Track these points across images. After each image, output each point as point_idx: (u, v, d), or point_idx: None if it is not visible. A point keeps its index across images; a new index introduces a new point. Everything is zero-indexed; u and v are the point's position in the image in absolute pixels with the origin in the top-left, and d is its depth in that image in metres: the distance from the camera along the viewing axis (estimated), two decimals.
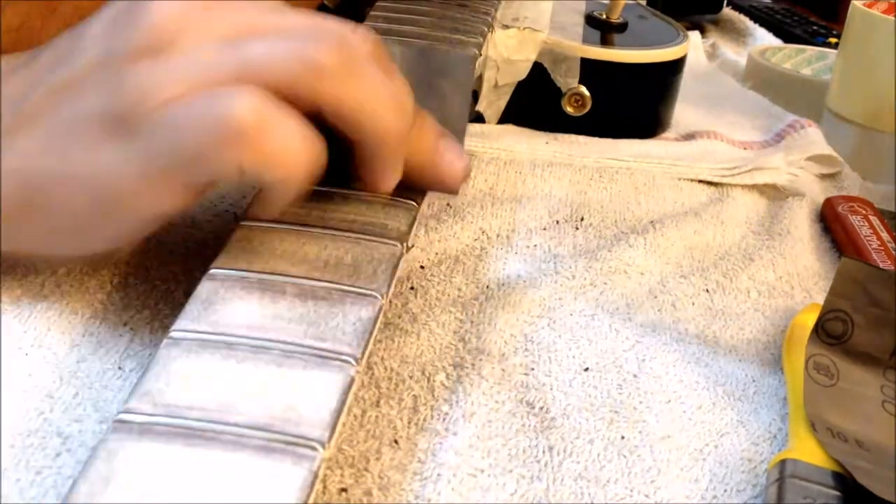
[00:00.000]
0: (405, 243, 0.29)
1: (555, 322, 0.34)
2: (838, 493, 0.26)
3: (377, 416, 0.28)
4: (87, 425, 0.26)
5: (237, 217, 0.30)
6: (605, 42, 0.53)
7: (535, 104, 0.51)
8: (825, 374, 0.31)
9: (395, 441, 0.27)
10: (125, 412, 0.21)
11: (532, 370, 0.31)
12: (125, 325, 0.30)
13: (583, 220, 0.42)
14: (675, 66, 0.53)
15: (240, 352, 0.23)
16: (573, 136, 0.51)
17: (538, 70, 0.51)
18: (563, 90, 0.51)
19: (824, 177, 0.51)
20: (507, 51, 0.50)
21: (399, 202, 0.31)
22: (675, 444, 0.29)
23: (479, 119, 0.51)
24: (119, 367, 0.29)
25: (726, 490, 0.28)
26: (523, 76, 0.51)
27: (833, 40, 0.73)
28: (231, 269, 0.26)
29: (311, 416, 0.21)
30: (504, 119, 0.52)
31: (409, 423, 0.28)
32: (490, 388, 0.30)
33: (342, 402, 0.22)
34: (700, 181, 0.48)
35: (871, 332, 0.32)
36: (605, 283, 0.37)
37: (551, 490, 0.27)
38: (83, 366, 0.28)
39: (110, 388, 0.28)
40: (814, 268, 0.41)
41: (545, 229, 0.41)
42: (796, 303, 0.38)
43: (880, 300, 0.32)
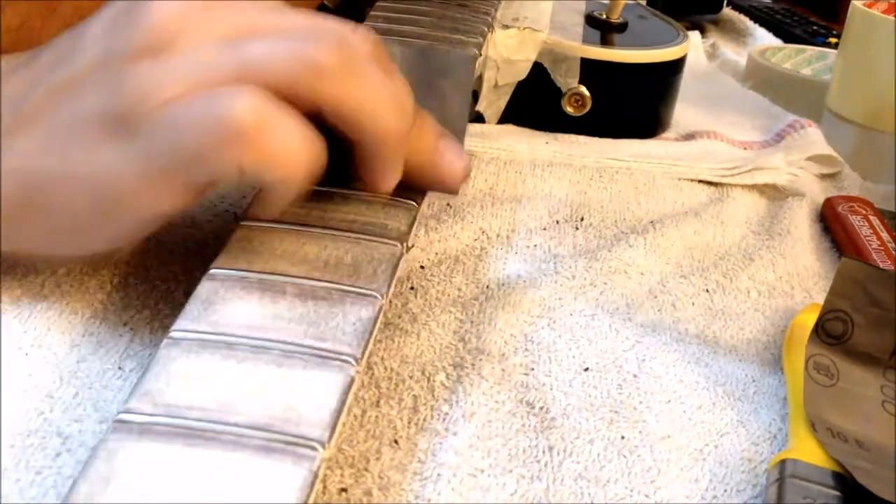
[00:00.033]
0: (405, 243, 0.29)
1: (555, 322, 0.34)
2: (838, 493, 0.26)
3: (377, 416, 0.28)
4: (87, 425, 0.26)
5: (237, 217, 0.30)
6: (605, 42, 0.53)
7: (535, 104, 0.51)
8: (825, 374, 0.31)
9: (395, 441, 0.27)
10: (125, 412, 0.21)
11: (532, 370, 0.31)
12: (125, 325, 0.30)
13: (583, 220, 0.42)
14: (675, 66, 0.53)
15: (240, 352, 0.23)
16: (573, 136, 0.51)
17: (538, 70, 0.51)
18: (563, 90, 0.51)
19: (824, 177, 0.51)
20: (507, 51, 0.50)
21: (399, 202, 0.31)
22: (675, 444, 0.29)
23: (479, 119, 0.51)
24: (119, 367, 0.29)
25: (726, 490, 0.28)
26: (523, 76, 0.51)
27: (833, 40, 0.73)
28: (231, 269, 0.26)
29: (311, 416, 0.21)
30: (504, 119, 0.52)
31: (409, 423, 0.28)
32: (490, 388, 0.30)
33: (342, 402, 0.22)
34: (700, 181, 0.48)
35: (871, 332, 0.32)
36: (605, 283, 0.37)
37: (551, 490, 0.26)
38: (83, 366, 0.28)
39: (110, 388, 0.28)
40: (814, 268, 0.41)
41: (545, 229, 0.41)
42: (796, 303, 0.38)
43: (880, 300, 0.32)
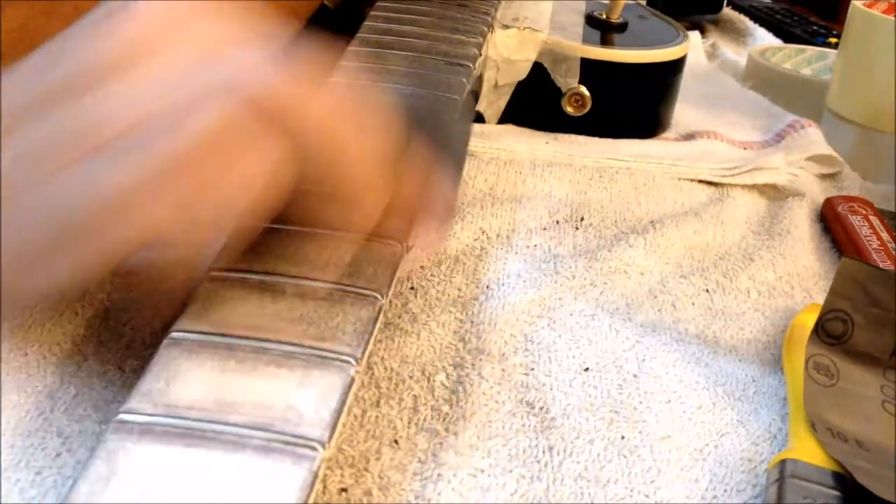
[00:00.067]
0: (405, 243, 0.29)
1: (555, 322, 0.34)
2: (838, 493, 0.26)
3: (377, 416, 0.28)
4: (87, 425, 0.26)
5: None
6: (605, 42, 0.53)
7: (535, 104, 0.51)
8: (825, 374, 0.31)
9: (395, 441, 0.27)
10: (125, 412, 0.21)
11: (532, 370, 0.31)
12: (125, 324, 0.30)
13: (583, 220, 0.42)
14: (675, 66, 0.53)
15: (240, 352, 0.23)
16: (573, 136, 0.51)
17: (538, 70, 0.51)
18: (563, 90, 0.51)
19: (824, 177, 0.51)
20: (507, 51, 0.50)
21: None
22: (675, 444, 0.29)
23: (480, 119, 0.51)
24: (119, 367, 0.29)
25: (726, 490, 0.28)
26: (523, 76, 0.51)
27: (833, 40, 0.73)
28: (231, 269, 0.26)
29: (311, 416, 0.21)
30: (504, 119, 0.52)
31: (409, 423, 0.28)
32: (490, 388, 0.30)
33: (342, 402, 0.22)
34: (700, 181, 0.48)
35: (871, 332, 0.32)
36: (605, 283, 0.37)
37: (551, 490, 0.26)
38: (83, 365, 0.28)
39: (110, 388, 0.28)
40: (814, 268, 0.41)
41: (545, 229, 0.41)
42: (796, 303, 0.38)
43: (880, 300, 0.32)
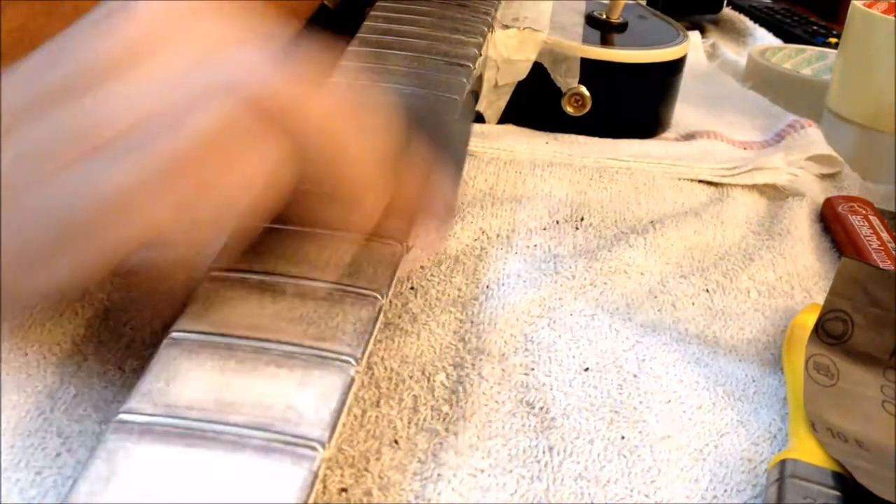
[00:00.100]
0: (405, 243, 0.29)
1: (555, 322, 0.34)
2: (838, 493, 0.26)
3: (377, 416, 0.28)
4: (87, 425, 0.26)
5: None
6: (605, 42, 0.53)
7: (535, 104, 0.51)
8: (825, 374, 0.31)
9: (395, 441, 0.27)
10: (125, 412, 0.21)
11: (532, 370, 0.31)
12: (125, 324, 0.30)
13: (583, 220, 0.42)
14: (675, 66, 0.53)
15: (240, 352, 0.23)
16: (573, 136, 0.51)
17: (538, 70, 0.51)
18: (563, 90, 0.51)
19: (824, 177, 0.51)
20: (507, 51, 0.50)
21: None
22: (675, 444, 0.29)
23: (480, 119, 0.51)
24: (119, 367, 0.29)
25: (726, 490, 0.28)
26: (523, 76, 0.51)
27: (833, 40, 0.73)
28: (231, 269, 0.26)
29: (311, 416, 0.21)
30: (504, 119, 0.52)
31: (409, 423, 0.28)
32: (490, 388, 0.30)
33: (342, 402, 0.22)
34: (700, 181, 0.48)
35: (871, 332, 0.32)
36: (605, 283, 0.37)
37: (551, 490, 0.26)
38: (83, 365, 0.28)
39: (110, 388, 0.28)
40: (814, 268, 0.41)
41: (545, 229, 0.41)
42: (796, 303, 0.38)
43: (880, 300, 0.32)
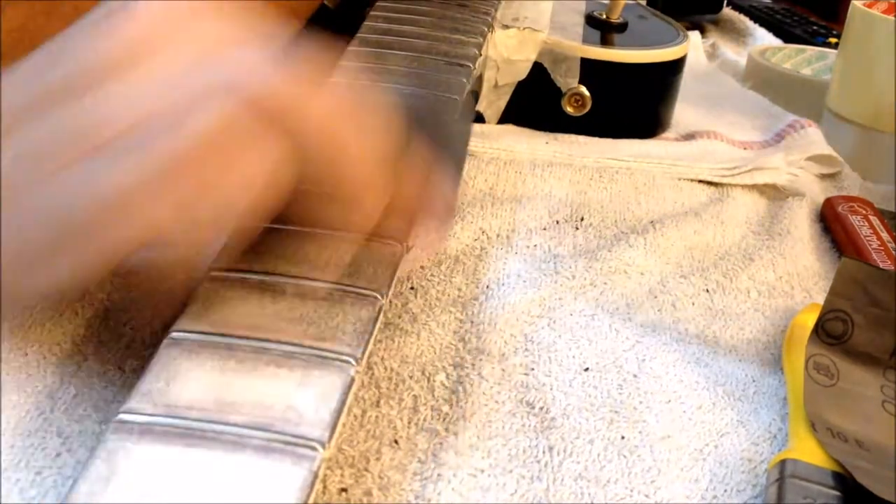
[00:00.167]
0: (405, 243, 0.29)
1: (555, 322, 0.34)
2: (838, 493, 0.26)
3: (377, 416, 0.28)
4: (87, 425, 0.26)
5: None
6: (605, 42, 0.53)
7: (535, 104, 0.51)
8: (825, 374, 0.31)
9: (395, 441, 0.27)
10: (125, 412, 0.21)
11: (532, 370, 0.31)
12: (125, 324, 0.30)
13: (583, 220, 0.42)
14: (675, 66, 0.53)
15: (240, 352, 0.23)
16: (573, 136, 0.51)
17: (538, 70, 0.51)
18: (563, 90, 0.51)
19: (824, 177, 0.51)
20: (507, 51, 0.50)
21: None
22: (675, 444, 0.29)
23: (480, 119, 0.51)
24: (119, 367, 0.29)
25: (726, 490, 0.28)
26: (523, 76, 0.51)
27: (833, 40, 0.73)
28: (231, 269, 0.26)
29: (311, 416, 0.21)
30: (504, 119, 0.52)
31: (409, 423, 0.28)
32: (490, 388, 0.30)
33: (342, 402, 0.22)
34: (700, 181, 0.48)
35: (871, 332, 0.32)
36: (605, 283, 0.37)
37: (551, 490, 0.26)
38: (83, 365, 0.28)
39: (110, 388, 0.28)
40: (814, 268, 0.41)
41: (545, 229, 0.41)
42: (796, 303, 0.38)
43: (880, 300, 0.32)
